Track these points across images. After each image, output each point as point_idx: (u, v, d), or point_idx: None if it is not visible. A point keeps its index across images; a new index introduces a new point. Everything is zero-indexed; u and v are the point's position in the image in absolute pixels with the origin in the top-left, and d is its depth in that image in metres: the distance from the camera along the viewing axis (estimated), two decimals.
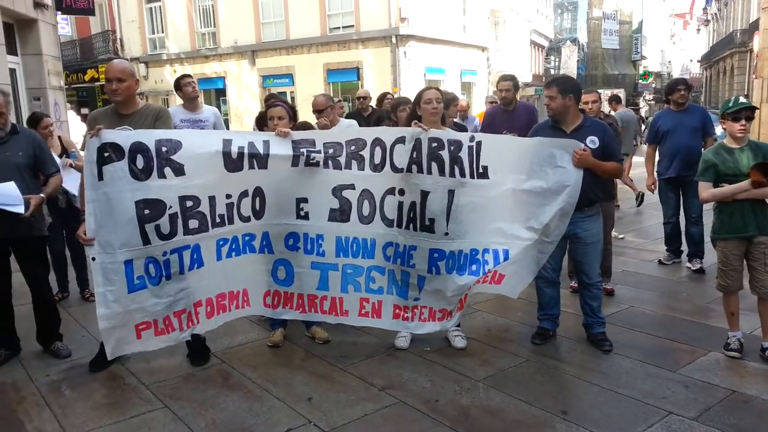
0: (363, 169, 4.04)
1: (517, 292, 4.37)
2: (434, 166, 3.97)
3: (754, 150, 3.88)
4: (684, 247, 6.47)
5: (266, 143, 3.96)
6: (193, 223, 3.89)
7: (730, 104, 3.89)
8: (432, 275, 4.11)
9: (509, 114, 5.81)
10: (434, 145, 3.96)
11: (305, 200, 4.11)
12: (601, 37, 50.63)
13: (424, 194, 4.00)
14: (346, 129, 4.60)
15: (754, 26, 30.06)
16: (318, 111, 5.01)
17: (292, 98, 23.42)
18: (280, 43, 22.83)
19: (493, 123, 5.73)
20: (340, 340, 4.44)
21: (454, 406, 3.45)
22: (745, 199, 3.82)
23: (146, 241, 3.71)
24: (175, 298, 3.87)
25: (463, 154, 4.00)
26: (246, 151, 3.90)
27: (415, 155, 3.95)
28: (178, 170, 3.78)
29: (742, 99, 3.89)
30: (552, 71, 40.61)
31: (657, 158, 6.33)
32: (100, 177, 3.64)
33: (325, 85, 22.11)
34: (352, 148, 4.02)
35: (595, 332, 4.26)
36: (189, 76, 5.96)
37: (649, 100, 56.27)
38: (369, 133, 4.08)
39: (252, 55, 23.57)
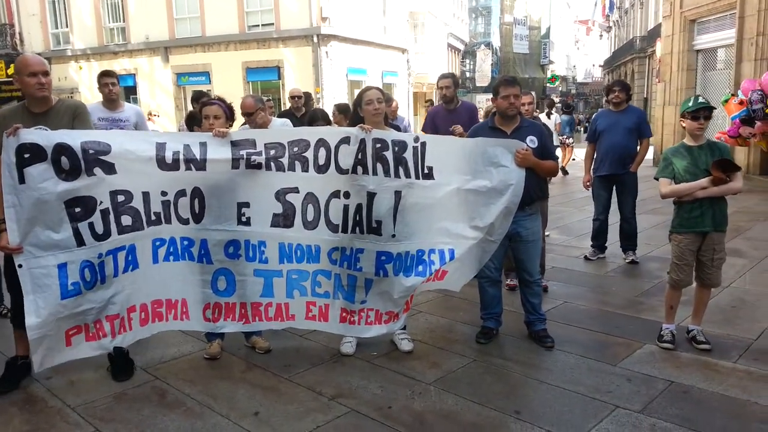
0: (307, 171, 3.89)
1: (459, 286, 4.35)
2: (379, 167, 3.89)
3: (712, 148, 4.05)
4: (608, 243, 6.74)
5: (203, 146, 3.75)
6: (126, 220, 3.68)
7: (690, 104, 4.03)
8: (380, 278, 4.02)
9: (450, 113, 5.81)
10: (378, 145, 3.88)
11: (247, 205, 3.92)
12: (513, 41, 52.49)
13: (371, 196, 3.90)
14: (288, 129, 4.42)
15: (653, 33, 32.07)
16: (247, 114, 4.79)
17: None
18: (196, 40, 22.07)
19: (435, 123, 5.71)
20: (282, 349, 4.27)
21: (408, 412, 3.37)
22: (705, 197, 3.97)
23: (80, 242, 3.49)
24: (108, 302, 3.67)
25: (408, 155, 3.95)
26: (181, 156, 3.69)
27: (360, 156, 3.85)
28: (109, 168, 3.55)
29: (701, 99, 4.04)
30: (467, 74, 41.65)
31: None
32: (21, 180, 3.35)
33: (245, 84, 21.60)
34: (295, 149, 3.86)
35: (537, 329, 4.32)
36: (111, 74, 5.56)
37: (556, 103, 58.90)
38: (312, 134, 3.93)
39: (165, 51, 22.64)
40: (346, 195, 3.93)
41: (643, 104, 32.56)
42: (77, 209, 3.50)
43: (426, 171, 3.99)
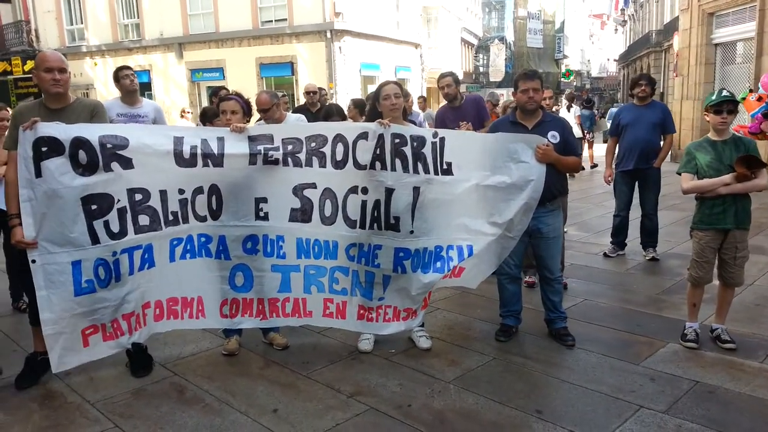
0: (324, 167, 3.86)
1: (476, 283, 4.30)
2: (398, 162, 3.84)
3: (736, 144, 3.95)
4: (628, 240, 6.65)
5: (221, 141, 3.73)
6: (144, 219, 3.66)
7: (713, 97, 3.93)
8: (398, 274, 3.98)
9: (456, 110, 5.74)
10: (397, 141, 3.83)
11: (264, 200, 3.89)
12: (527, 36, 52.13)
13: (389, 192, 3.86)
14: (306, 124, 4.37)
15: (669, 27, 31.70)
16: (263, 110, 4.76)
17: None
18: (210, 36, 22.10)
19: (444, 122, 5.65)
20: (299, 345, 4.25)
21: (427, 411, 3.33)
22: (728, 193, 3.88)
23: (95, 240, 3.47)
24: (123, 301, 3.64)
25: (427, 151, 3.90)
26: (199, 151, 3.67)
27: (378, 151, 3.81)
28: (127, 163, 3.53)
29: (725, 92, 3.94)
30: (481, 69, 41.43)
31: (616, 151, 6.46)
32: (38, 174, 3.34)
33: (258, 80, 21.60)
34: (313, 144, 3.83)
35: (558, 327, 4.26)
36: (128, 67, 5.55)
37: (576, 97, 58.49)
38: (330, 129, 3.90)
39: (179, 47, 22.69)
40: (364, 191, 3.89)
41: (660, 99, 32.23)
42: (93, 206, 3.47)
43: (445, 167, 3.94)
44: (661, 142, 6.36)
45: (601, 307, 4.99)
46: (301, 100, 8.71)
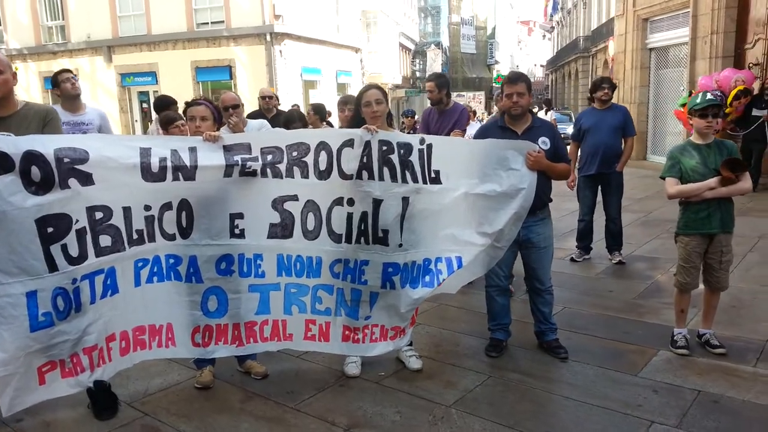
0: (307, 177, 3.55)
1: (455, 289, 4.05)
2: (386, 171, 3.59)
3: (720, 147, 3.91)
4: (593, 244, 6.65)
5: (193, 151, 3.36)
6: (105, 240, 3.24)
7: (698, 101, 3.88)
8: (386, 290, 3.72)
9: (442, 114, 5.56)
10: (384, 148, 3.58)
11: (240, 216, 3.55)
12: (461, 41, 52.95)
13: (377, 203, 3.60)
14: (287, 132, 4.04)
15: (597, 33, 32.89)
16: (235, 106, 4.43)
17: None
18: (141, 38, 21.18)
19: (428, 124, 5.45)
20: (280, 373, 3.92)
21: None
22: (713, 197, 3.83)
23: (53, 267, 3.03)
24: (84, 333, 3.21)
25: (414, 158, 3.66)
26: (169, 163, 3.29)
27: (365, 160, 3.54)
28: (86, 179, 3.11)
29: (709, 96, 3.89)
30: (418, 74, 41.68)
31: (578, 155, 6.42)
32: None
33: (194, 84, 20.89)
34: (294, 153, 3.52)
35: (549, 339, 4.12)
36: (69, 70, 5.06)
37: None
38: (313, 136, 3.59)
39: (108, 51, 21.64)
40: (350, 202, 3.62)
41: (588, 103, 33.34)
42: (49, 229, 3.04)
43: (433, 175, 3.71)
44: (623, 146, 6.39)
45: (582, 315, 4.90)
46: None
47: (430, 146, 3.70)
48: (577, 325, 4.65)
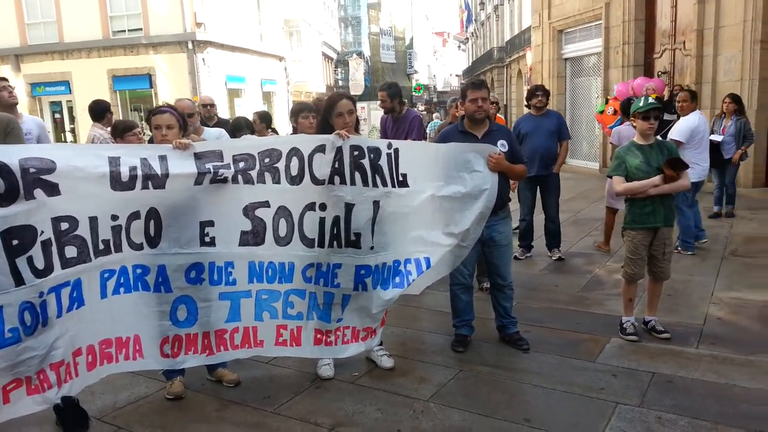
0: (278, 183, 3.56)
1: (420, 290, 4.18)
2: (357, 176, 3.65)
3: (661, 147, 4.23)
4: (534, 242, 6.97)
5: (163, 159, 3.30)
6: (71, 251, 3.12)
7: (641, 104, 4.19)
8: (358, 292, 3.77)
9: (396, 121, 5.69)
10: (356, 153, 3.64)
11: (211, 223, 3.50)
12: (380, 51, 53.67)
13: (349, 207, 3.65)
14: (258, 138, 4.02)
15: (510, 44, 34.27)
16: (189, 115, 4.37)
17: (70, 108, 20.89)
18: (52, 47, 20.11)
19: (385, 131, 5.54)
20: (252, 379, 3.89)
21: None
22: (657, 194, 4.14)
23: (19, 281, 2.89)
24: (51, 348, 3.06)
25: (383, 162, 3.75)
26: (139, 172, 3.22)
27: (337, 165, 3.59)
28: (52, 189, 2.99)
29: (651, 100, 4.21)
30: (341, 82, 41.85)
31: None
32: None
33: (111, 93, 20.04)
34: (267, 160, 3.52)
35: (511, 332, 4.31)
36: (4, 79, 4.80)
37: (421, 111, 61.36)
38: (284, 143, 3.60)
39: (16, 59, 20.44)
40: (322, 207, 3.65)
41: (504, 110, 34.65)
42: (15, 241, 2.90)
43: (401, 179, 3.80)
44: (558, 150, 6.76)
45: (534, 309, 5.14)
46: None
47: (397, 150, 3.80)
48: (531, 318, 4.87)
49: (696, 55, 10.83)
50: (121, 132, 4.36)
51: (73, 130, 20.55)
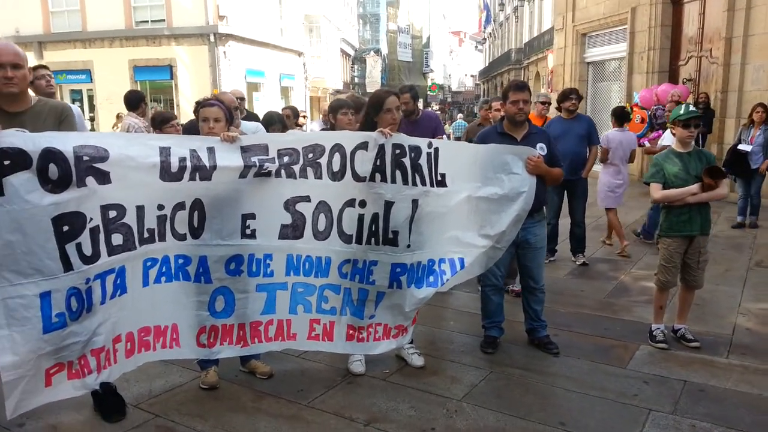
0: (320, 178, 3.59)
1: (448, 287, 4.18)
2: (398, 174, 3.67)
3: (699, 155, 4.22)
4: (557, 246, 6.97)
5: (211, 151, 3.34)
6: (117, 239, 3.17)
7: (681, 112, 4.18)
8: (392, 290, 3.80)
9: (412, 124, 5.69)
10: (397, 151, 3.67)
11: (252, 216, 3.54)
12: (397, 49, 53.64)
13: (388, 205, 3.68)
14: (303, 134, 4.06)
15: (528, 46, 34.14)
16: (234, 108, 4.41)
17: (90, 96, 21.06)
18: (75, 35, 20.27)
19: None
20: (284, 372, 3.92)
21: None
22: (693, 202, 4.13)
23: (68, 266, 2.95)
24: (94, 334, 3.12)
25: (423, 162, 3.77)
26: (188, 163, 3.26)
27: (378, 163, 3.62)
28: (103, 177, 3.04)
29: (692, 108, 4.20)
30: (357, 80, 41.89)
31: None
32: (0, 192, 2.76)
33: (132, 83, 20.16)
34: (310, 155, 3.55)
35: (541, 336, 4.32)
36: (45, 67, 4.85)
37: (435, 110, 61.28)
38: (328, 138, 3.63)
39: (39, 46, 20.57)
40: (362, 204, 3.68)
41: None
42: (65, 227, 2.95)
43: (439, 178, 3.83)
44: (587, 154, 6.75)
45: (561, 314, 5.13)
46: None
47: (437, 150, 3.82)
48: (559, 322, 4.87)
49: (723, 63, 10.76)
50: (160, 124, 4.41)
51: (92, 119, 20.69)
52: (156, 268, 3.44)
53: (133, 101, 5.95)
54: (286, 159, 3.51)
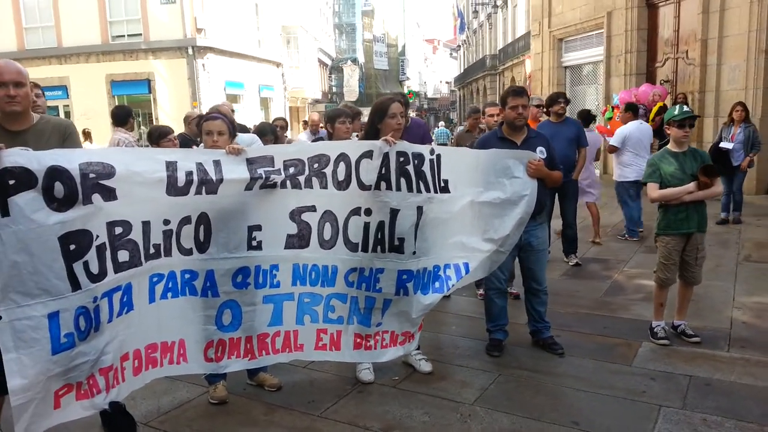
0: (326, 188, 3.58)
1: (450, 290, 4.22)
2: (403, 182, 3.69)
3: (694, 155, 4.30)
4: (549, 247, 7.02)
5: (218, 164, 3.32)
6: (123, 255, 3.13)
7: (676, 113, 4.26)
8: (399, 297, 3.81)
9: (404, 131, 5.70)
10: (401, 159, 3.68)
11: (258, 228, 3.52)
12: (374, 58, 53.87)
13: (394, 213, 3.68)
14: (308, 144, 4.03)
15: (503, 52, 34.50)
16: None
17: (67, 113, 20.76)
18: (50, 51, 20.00)
19: None
20: (293, 384, 3.89)
21: None
22: (691, 200, 4.20)
23: (76, 285, 2.89)
24: (102, 353, 3.06)
25: (426, 168, 3.79)
26: (195, 177, 3.23)
27: (383, 171, 3.63)
28: (109, 194, 3.00)
29: (686, 108, 4.28)
30: (335, 89, 41.93)
31: None
32: (5, 212, 2.71)
33: (110, 98, 19.96)
34: (315, 165, 3.54)
35: (545, 337, 4.35)
36: (38, 86, 4.75)
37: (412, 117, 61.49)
38: (333, 148, 3.63)
39: None
40: (368, 212, 3.68)
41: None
42: (72, 246, 2.89)
43: (442, 184, 3.85)
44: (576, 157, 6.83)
45: (560, 314, 5.16)
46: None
47: (439, 156, 3.85)
48: (560, 323, 4.90)
49: (699, 64, 11.00)
50: (157, 138, 4.37)
51: None
52: (162, 283, 3.40)
53: (122, 116, 5.90)
54: (291, 170, 3.50)
